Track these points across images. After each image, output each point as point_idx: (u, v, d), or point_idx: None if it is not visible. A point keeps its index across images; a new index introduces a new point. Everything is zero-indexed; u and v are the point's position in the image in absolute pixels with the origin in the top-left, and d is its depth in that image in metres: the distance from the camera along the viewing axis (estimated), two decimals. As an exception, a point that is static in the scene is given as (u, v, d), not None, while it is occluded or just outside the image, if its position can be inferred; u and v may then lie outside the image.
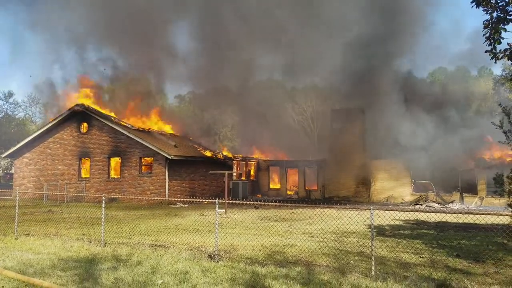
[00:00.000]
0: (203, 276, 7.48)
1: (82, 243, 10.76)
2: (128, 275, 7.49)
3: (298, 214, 17.20)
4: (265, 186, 33.73)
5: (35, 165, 29.20)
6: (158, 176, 25.03)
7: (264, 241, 11.37)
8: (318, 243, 11.04)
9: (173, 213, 19.48)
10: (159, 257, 8.95)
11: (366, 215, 16.71)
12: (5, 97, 73.69)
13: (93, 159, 27.19)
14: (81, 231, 13.09)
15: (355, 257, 9.56)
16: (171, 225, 14.72)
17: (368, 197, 28.34)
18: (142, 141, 25.41)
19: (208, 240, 11.27)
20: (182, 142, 30.40)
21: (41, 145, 29.16)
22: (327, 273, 7.71)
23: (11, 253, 9.38)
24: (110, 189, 26.01)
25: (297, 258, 9.26)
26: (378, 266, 8.17)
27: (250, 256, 9.45)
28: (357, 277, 7.49)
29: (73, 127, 28.15)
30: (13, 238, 11.55)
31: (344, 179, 29.14)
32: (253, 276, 7.51)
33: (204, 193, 28.87)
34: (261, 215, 18.28)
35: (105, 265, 8.29)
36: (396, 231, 13.94)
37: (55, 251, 9.70)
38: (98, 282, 7.08)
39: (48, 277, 7.36)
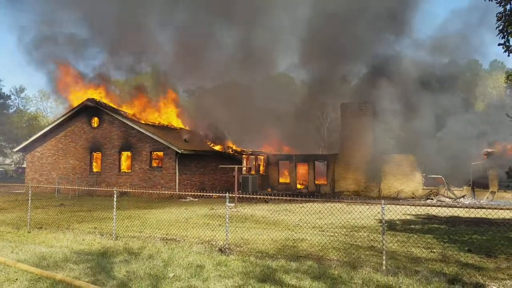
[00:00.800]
0: (214, 270, 7.52)
1: (94, 237, 10.86)
2: (140, 268, 7.56)
3: (308, 208, 17.19)
4: (274, 180, 33.72)
5: (47, 159, 29.48)
6: (168, 170, 25.14)
7: (274, 235, 11.39)
8: (328, 238, 11.03)
9: (183, 207, 19.58)
10: (170, 251, 9.01)
11: (377, 209, 16.65)
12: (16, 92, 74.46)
13: (104, 153, 27.39)
14: (93, 225, 13.22)
15: (365, 251, 9.54)
16: (181, 219, 14.80)
17: (378, 192, 28.22)
18: (153, 135, 25.52)
19: (219, 234, 11.32)
20: (192, 137, 30.46)
21: (52, 140, 29.43)
22: (338, 268, 7.71)
23: (24, 246, 9.50)
24: (121, 183, 26.19)
25: (308, 252, 9.27)
26: (389, 260, 8.15)
27: (260, 250, 9.47)
28: (368, 272, 7.48)
29: (84, 121, 28.36)
30: (26, 232, 11.69)
31: (354, 173, 29.05)
32: (264, 269, 7.53)
33: (214, 187, 28.96)
34: (271, 209, 18.31)
35: (117, 258, 8.37)
36: (407, 225, 13.88)
37: (68, 244, 9.81)
38: (110, 275, 7.15)
39: (61, 270, 7.45)
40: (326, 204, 18.42)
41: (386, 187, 28.28)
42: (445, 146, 25.44)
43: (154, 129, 27.16)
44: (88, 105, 27.73)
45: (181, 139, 27.40)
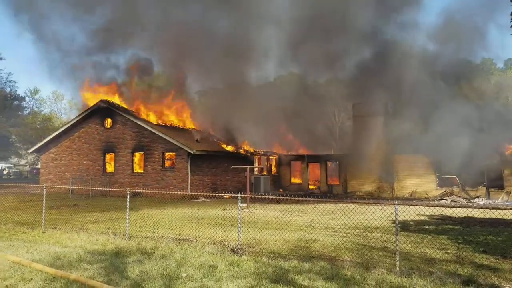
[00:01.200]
0: (227, 270, 7.53)
1: (107, 237, 10.95)
2: (153, 268, 7.60)
3: (321, 208, 17.12)
4: (286, 180, 33.70)
5: (61, 160, 29.81)
6: (181, 170, 25.25)
7: (286, 235, 11.37)
8: (341, 238, 10.98)
9: (195, 207, 19.64)
10: (183, 251, 9.05)
11: (390, 210, 16.53)
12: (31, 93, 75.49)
13: (117, 154, 27.61)
14: (106, 225, 13.33)
15: (379, 252, 9.48)
16: (194, 219, 14.85)
17: (392, 192, 28.02)
18: (165, 136, 25.66)
19: (231, 234, 11.33)
20: (203, 137, 30.56)
21: (66, 141, 29.75)
22: (350, 268, 7.66)
23: (39, 246, 9.61)
24: (134, 183, 26.37)
25: (320, 253, 9.23)
26: (403, 261, 8.08)
27: (273, 251, 9.46)
28: (381, 273, 7.42)
29: (98, 122, 28.62)
30: (41, 232, 11.83)
31: (366, 173, 28.87)
32: (277, 270, 7.52)
33: (226, 187, 29.01)
34: (283, 210, 18.28)
35: (130, 258, 8.43)
36: (421, 226, 13.76)
37: (81, 245, 9.90)
38: (123, 275, 7.20)
39: (75, 270, 7.52)
40: (338, 204, 18.34)
41: (399, 188, 28.07)
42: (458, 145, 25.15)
43: (166, 130, 27.31)
44: (101, 106, 27.99)
45: (193, 140, 27.51)
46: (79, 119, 29.33)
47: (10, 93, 57.27)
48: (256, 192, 27.86)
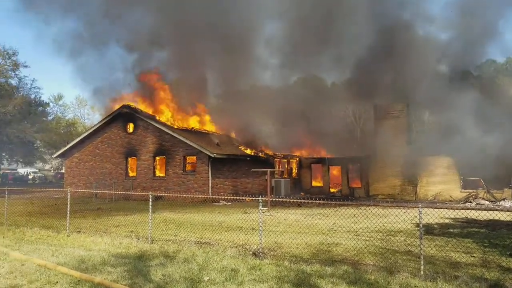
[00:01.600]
0: (249, 274, 7.52)
1: (130, 240, 11.07)
2: (175, 271, 7.64)
3: (342, 212, 16.98)
4: (307, 183, 33.54)
5: (85, 165, 30.31)
6: (202, 174, 25.39)
7: (308, 239, 11.30)
8: (364, 242, 10.86)
9: (216, 210, 19.72)
10: (205, 254, 9.08)
11: (413, 213, 16.27)
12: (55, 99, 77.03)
13: (139, 158, 27.93)
14: (129, 228, 13.48)
15: (402, 256, 9.34)
16: (215, 223, 14.90)
17: (415, 195, 27.59)
18: (186, 140, 25.85)
19: (252, 238, 11.32)
20: (224, 141, 30.67)
21: (89, 145, 30.25)
22: (374, 272, 7.57)
23: (64, 250, 9.77)
24: (156, 187, 26.63)
25: (343, 257, 9.14)
26: (427, 265, 7.95)
27: (295, 254, 9.42)
28: (406, 277, 7.31)
29: (120, 127, 29.02)
30: (66, 235, 12.03)
31: (389, 176, 28.49)
32: (299, 274, 7.48)
33: (247, 191, 29.03)
34: (304, 213, 18.19)
35: (153, 261, 8.50)
36: (445, 229, 13.51)
37: (105, 248, 10.03)
38: (147, 278, 7.26)
39: (99, 273, 7.62)
40: (360, 207, 18.15)
41: (423, 190, 27.62)
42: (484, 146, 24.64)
43: (187, 134, 27.51)
44: (123, 111, 28.39)
45: (213, 143, 27.64)
46: (101, 124, 29.81)
47: (35, 99, 58.52)
48: (277, 195, 27.81)
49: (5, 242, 10.78)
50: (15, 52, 50.44)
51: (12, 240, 11.16)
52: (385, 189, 28.70)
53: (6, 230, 13.07)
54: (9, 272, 7.74)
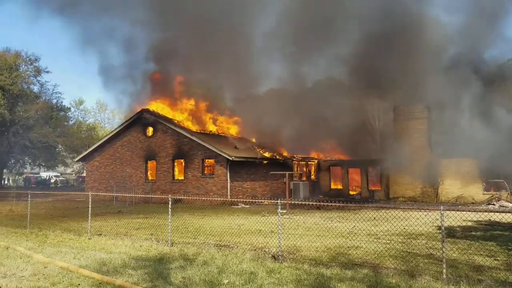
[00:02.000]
0: (268, 277, 7.50)
1: (150, 243, 11.16)
2: (195, 274, 7.67)
3: (362, 215, 16.82)
4: (326, 186, 33.34)
5: (105, 168, 30.73)
6: (220, 177, 25.47)
7: (327, 242, 11.22)
8: (384, 245, 10.73)
9: (235, 213, 19.74)
10: (224, 257, 9.09)
11: (434, 215, 16.02)
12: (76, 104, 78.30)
13: (159, 162, 28.19)
14: (149, 231, 13.59)
15: (424, 259, 9.20)
16: (234, 226, 14.92)
17: (436, 197, 27.16)
18: (204, 143, 25.98)
19: (271, 241, 11.29)
20: (242, 143, 30.72)
21: (110, 149, 30.66)
22: (395, 276, 7.46)
23: (86, 253, 9.90)
24: (175, 190, 26.80)
25: (363, 260, 9.05)
26: (450, 269, 7.81)
27: (314, 258, 9.35)
28: (427, 280, 7.19)
29: (139, 131, 29.35)
30: (87, 238, 12.19)
31: (409, 178, 28.10)
32: (318, 278, 7.42)
33: (265, 194, 29.01)
34: (323, 216, 18.07)
35: (173, 264, 8.55)
36: (468, 232, 13.27)
37: (126, 251, 10.13)
38: (167, 281, 7.30)
39: (120, 276, 7.69)
40: (380, 210, 17.95)
41: (444, 193, 27.17)
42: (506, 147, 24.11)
43: (205, 137, 27.65)
44: (142, 115, 28.70)
45: (231, 146, 27.70)
46: (121, 128, 30.20)
47: (56, 104, 59.55)
48: (296, 198, 27.71)
49: (28, 245, 10.98)
50: (37, 58, 51.35)
51: (35, 243, 11.36)
52: (405, 192, 28.33)
53: (29, 233, 13.32)
54: (33, 275, 7.87)
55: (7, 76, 46.10)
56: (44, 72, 52.49)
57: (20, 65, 49.93)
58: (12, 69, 48.06)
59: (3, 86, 44.86)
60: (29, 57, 50.70)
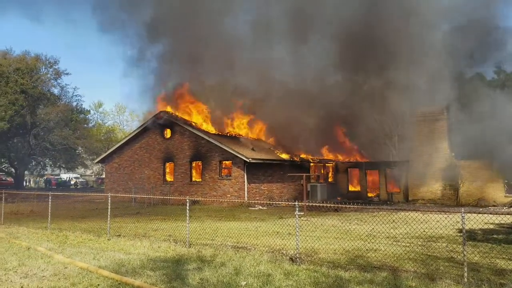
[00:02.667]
0: (286, 279, 7.46)
1: (168, 244, 11.22)
2: (213, 275, 7.68)
3: (381, 217, 16.64)
4: (343, 188, 33.09)
5: (124, 170, 31.06)
6: (237, 179, 25.51)
7: (345, 245, 11.12)
8: (403, 248, 10.60)
9: (252, 215, 19.74)
10: (241, 259, 9.09)
11: (455, 218, 15.76)
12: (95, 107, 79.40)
13: (176, 163, 28.38)
14: (168, 232, 13.67)
15: (444, 263, 9.05)
16: (251, 227, 14.91)
17: (456, 200, 26.72)
18: (221, 145, 26.06)
19: (289, 243, 11.25)
20: (259, 145, 30.74)
21: (128, 151, 30.99)
22: (415, 279, 7.36)
23: (105, 253, 10.00)
24: (193, 192, 26.95)
25: (382, 263, 8.94)
26: (471, 272, 7.66)
27: (332, 260, 9.28)
28: (448, 284, 7.07)
29: (157, 133, 29.59)
30: (106, 239, 12.32)
31: (429, 181, 27.70)
32: (337, 280, 7.36)
33: (282, 195, 28.95)
34: (341, 218, 17.93)
35: (190, 265, 8.58)
36: (489, 235, 13.01)
37: (144, 252, 10.20)
38: (185, 282, 7.33)
39: (139, 276, 7.75)
40: (399, 213, 17.73)
41: (465, 195, 26.71)
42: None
43: (222, 139, 27.74)
44: (160, 117, 28.94)
45: (248, 148, 27.73)
46: (140, 130, 30.50)
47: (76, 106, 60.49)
48: (313, 200, 27.59)
49: (49, 245, 11.16)
50: (56, 61, 52.20)
51: (56, 244, 11.53)
52: (425, 194, 27.93)
53: (50, 234, 13.53)
54: (53, 275, 7.99)
55: (28, 80, 47.00)
56: (64, 74, 53.32)
57: (40, 68, 50.81)
58: (33, 73, 48.96)
59: (26, 90, 45.74)
60: (48, 60, 51.60)
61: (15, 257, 9.56)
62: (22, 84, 45.39)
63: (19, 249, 10.61)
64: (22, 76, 46.60)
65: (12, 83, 44.69)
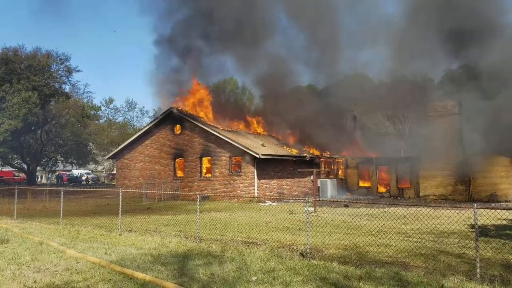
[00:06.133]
0: (296, 274, 7.46)
1: (179, 239, 11.27)
2: (223, 270, 7.70)
3: (391, 213, 16.55)
4: (354, 184, 32.96)
5: (135, 166, 31.24)
6: (247, 175, 25.53)
7: (356, 240, 11.09)
8: (414, 243, 10.53)
9: (262, 211, 19.75)
10: (252, 254, 9.10)
11: (466, 214, 15.65)
12: (106, 103, 79.95)
13: (187, 159, 28.47)
14: (178, 228, 13.73)
15: (456, 258, 8.98)
16: (261, 223, 14.92)
17: (468, 195, 26.48)
18: (231, 141, 26.07)
19: (299, 238, 11.25)
20: (269, 141, 30.72)
21: (139, 147, 31.15)
22: (426, 275, 7.31)
23: (116, 248, 10.07)
24: (203, 187, 27.05)
25: (393, 259, 8.90)
26: (483, 268, 7.59)
27: (342, 256, 9.26)
28: (460, 280, 7.01)
29: (168, 129, 29.70)
30: (117, 234, 12.40)
31: (440, 176, 27.49)
32: (348, 275, 7.34)
33: (292, 191, 28.93)
34: (351, 214, 17.85)
35: (201, 260, 8.61)
36: (502, 231, 12.88)
37: (155, 247, 10.26)
38: (195, 277, 7.36)
39: (150, 271, 7.79)
40: (410, 208, 17.63)
41: (476, 190, 26.45)
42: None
43: (232, 135, 27.75)
44: (171, 113, 29.04)
45: (258, 144, 27.72)
46: (150, 126, 30.64)
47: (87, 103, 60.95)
48: (323, 196, 27.53)
49: (61, 241, 11.26)
50: (67, 57, 52.48)
51: (68, 239, 11.64)
52: (436, 190, 27.72)
53: (62, 229, 13.67)
54: (65, 269, 8.07)
55: (40, 77, 47.35)
56: (75, 71, 53.61)
57: (51, 64, 51.13)
58: (45, 69, 49.31)
59: (38, 87, 46.10)
60: (59, 57, 51.88)
61: (28, 252, 9.67)
62: (34, 81, 45.73)
63: (32, 244, 10.73)
64: (34, 73, 46.97)
65: (24, 80, 45.06)
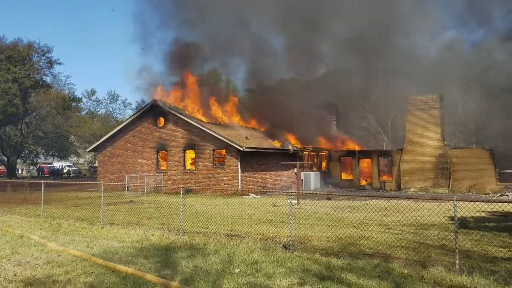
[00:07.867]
0: (279, 266, 7.51)
1: (162, 232, 11.23)
2: (206, 263, 7.72)
3: (373, 205, 16.76)
4: (337, 177, 33.25)
5: (117, 158, 30.95)
6: (231, 167, 25.52)
7: (338, 232, 11.20)
8: (395, 236, 10.69)
9: (246, 203, 19.79)
10: (235, 247, 9.12)
11: (446, 206, 15.92)
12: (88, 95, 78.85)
13: (170, 152, 28.31)
14: (161, 221, 13.68)
15: (436, 250, 9.15)
16: (245, 216, 14.96)
17: (448, 188, 26.97)
18: (215, 133, 26.00)
19: (282, 231, 11.31)
20: (253, 134, 30.73)
21: (122, 140, 30.85)
22: (406, 266, 7.44)
23: (98, 241, 10.00)
24: (186, 180, 26.95)
25: (374, 251, 9.02)
26: (462, 260, 7.76)
27: (324, 247, 9.36)
28: (440, 271, 7.15)
29: (151, 121, 29.46)
30: (99, 227, 12.31)
31: (421, 169, 27.93)
32: (329, 267, 7.42)
33: (276, 184, 29.04)
34: (334, 206, 18.02)
35: (184, 253, 8.60)
36: (481, 223, 13.15)
37: (138, 240, 10.21)
38: (178, 270, 7.36)
39: (132, 264, 7.76)
40: (392, 201, 17.87)
41: (456, 183, 26.95)
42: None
43: (216, 128, 27.68)
44: (153, 105, 28.79)
45: (242, 137, 27.71)
46: (133, 119, 30.35)
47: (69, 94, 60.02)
48: (306, 188, 27.71)
49: (42, 234, 11.13)
50: (49, 49, 51.59)
51: (49, 232, 11.51)
52: (417, 182, 28.16)
53: (43, 222, 13.49)
54: (47, 263, 7.99)
55: (20, 68, 46.45)
56: (56, 63, 52.75)
57: (32, 55, 50.21)
58: (25, 61, 48.39)
59: (18, 79, 45.22)
60: (41, 48, 50.97)
61: (8, 245, 9.54)
62: (14, 73, 44.83)
63: (12, 237, 10.58)
64: (14, 64, 46.03)
65: (4, 71, 44.13)
